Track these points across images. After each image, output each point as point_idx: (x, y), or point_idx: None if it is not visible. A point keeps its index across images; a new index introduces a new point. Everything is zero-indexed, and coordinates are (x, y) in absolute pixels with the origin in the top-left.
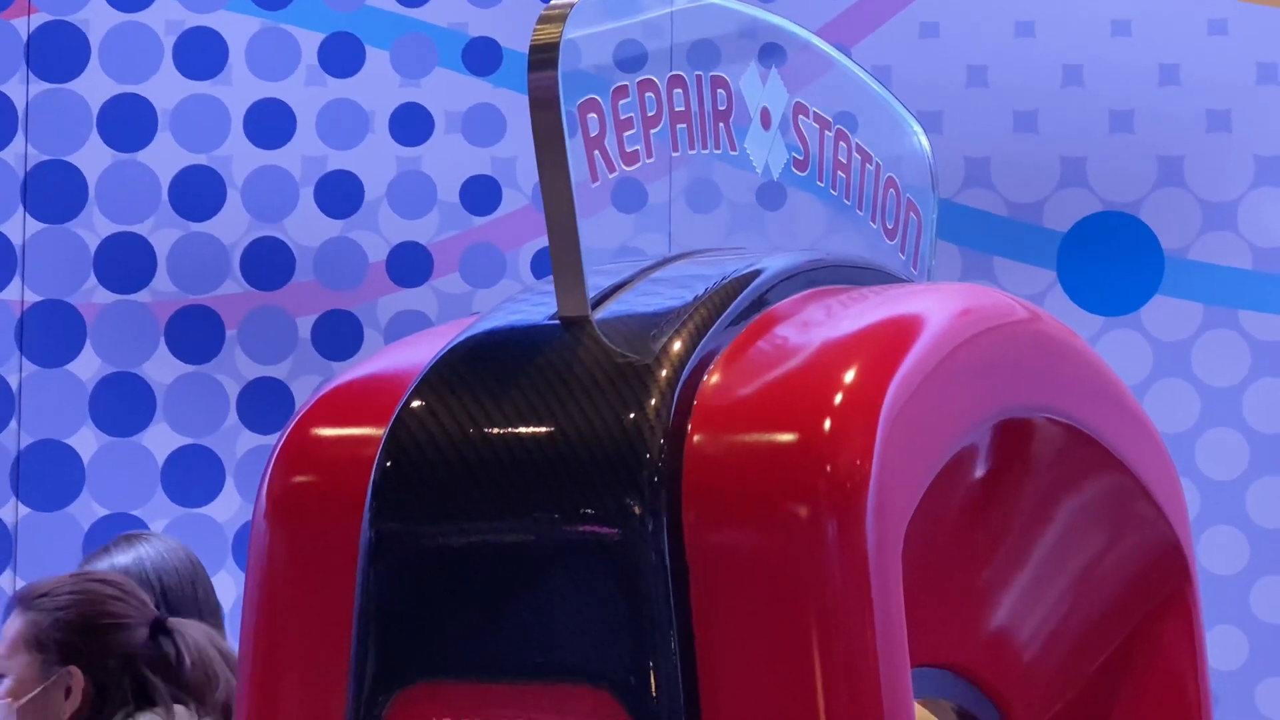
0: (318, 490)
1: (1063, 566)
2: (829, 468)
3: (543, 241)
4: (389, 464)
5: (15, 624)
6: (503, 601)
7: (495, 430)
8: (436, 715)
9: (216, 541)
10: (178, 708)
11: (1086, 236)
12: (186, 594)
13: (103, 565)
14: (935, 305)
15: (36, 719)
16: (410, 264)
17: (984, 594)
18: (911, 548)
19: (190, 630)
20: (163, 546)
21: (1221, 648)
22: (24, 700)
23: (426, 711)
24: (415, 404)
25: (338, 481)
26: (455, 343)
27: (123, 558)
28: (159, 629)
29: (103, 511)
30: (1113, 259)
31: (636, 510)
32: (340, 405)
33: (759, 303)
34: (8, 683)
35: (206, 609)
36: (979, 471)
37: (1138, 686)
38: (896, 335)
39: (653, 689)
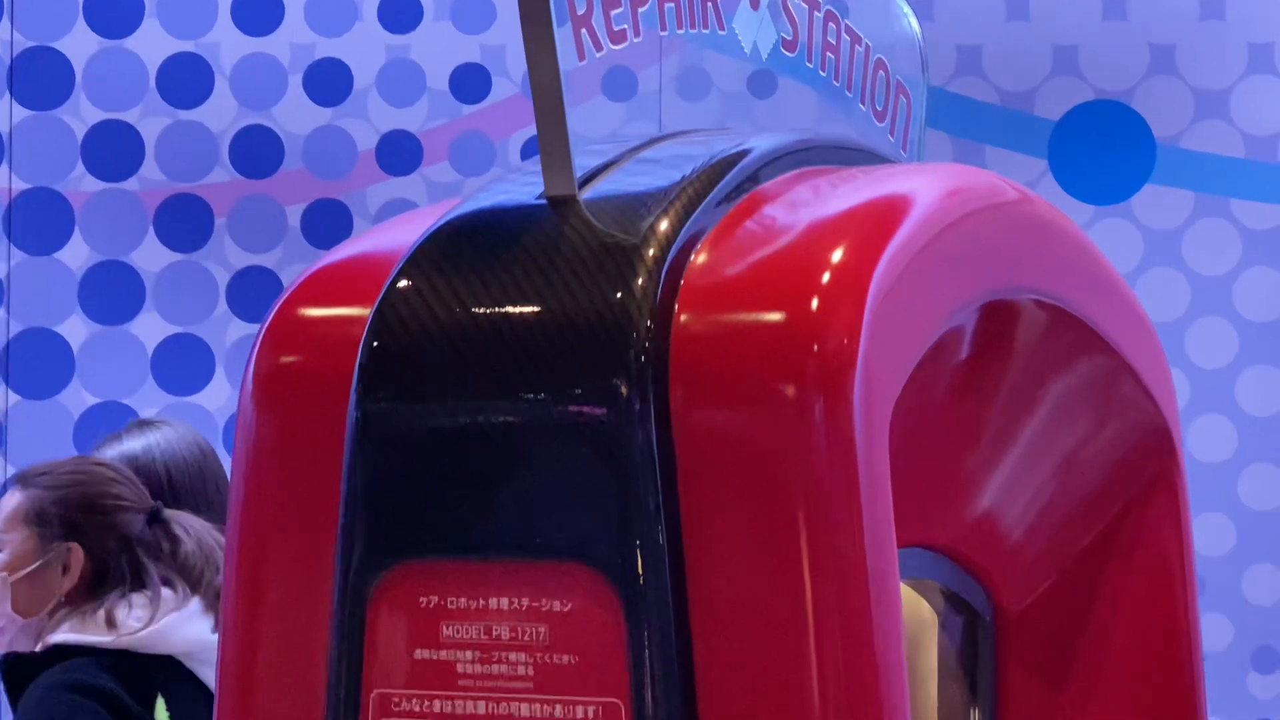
0: (305, 370)
1: (1050, 449)
2: (816, 347)
3: (532, 130)
4: (375, 344)
5: (14, 499)
6: (489, 481)
7: (482, 310)
8: (424, 594)
9: (207, 430)
10: (165, 590)
11: (1078, 125)
12: (194, 485)
13: (112, 451)
14: (924, 185)
15: (31, 594)
16: (400, 152)
17: (971, 476)
18: (898, 429)
19: (186, 520)
20: (174, 435)
21: (1209, 535)
22: (21, 574)
23: (414, 590)
24: (401, 284)
25: (325, 362)
26: (442, 222)
27: (134, 444)
28: (155, 518)
29: (93, 400)
30: (1104, 148)
31: (623, 390)
32: (327, 285)
33: (747, 183)
34: (4, 556)
35: (215, 501)
36: (966, 354)
37: (1124, 567)
38: (885, 215)
39: (639, 567)
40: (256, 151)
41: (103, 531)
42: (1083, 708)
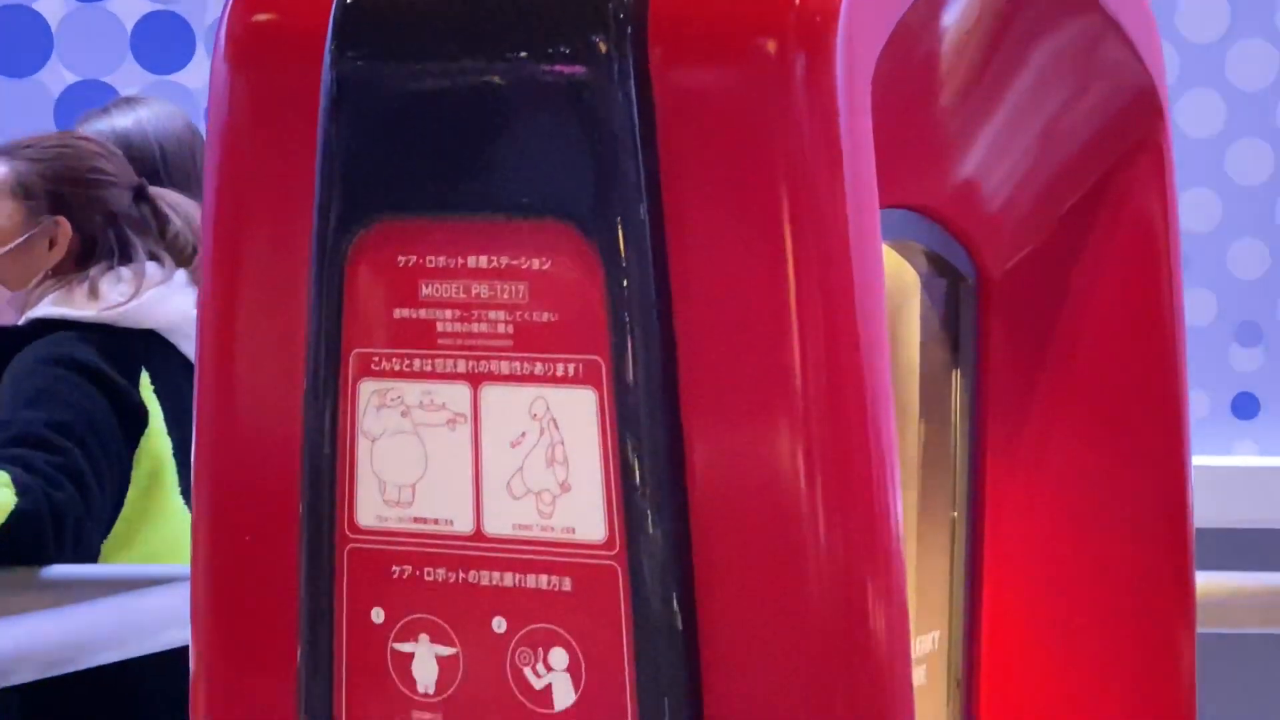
0: (278, 31)
1: (1035, 111)
2: (797, 1)
3: None
4: (349, 1)
5: None
6: (466, 140)
7: None
8: (402, 253)
9: (188, 108)
10: (149, 265)
11: None
12: (185, 163)
13: (102, 126)
14: None
15: (17, 267)
16: None
17: (954, 140)
18: (881, 87)
19: (173, 197)
20: (162, 112)
21: (1197, 210)
22: (7, 248)
23: (392, 250)
24: None
25: (298, 21)
26: None
27: (123, 120)
28: (139, 195)
29: (73, 78)
30: None
31: (602, 47)
32: None
33: None
34: None
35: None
36: (949, 12)
37: (1109, 229)
38: None
39: (617, 223)
40: None
41: (89, 205)
42: (1065, 371)
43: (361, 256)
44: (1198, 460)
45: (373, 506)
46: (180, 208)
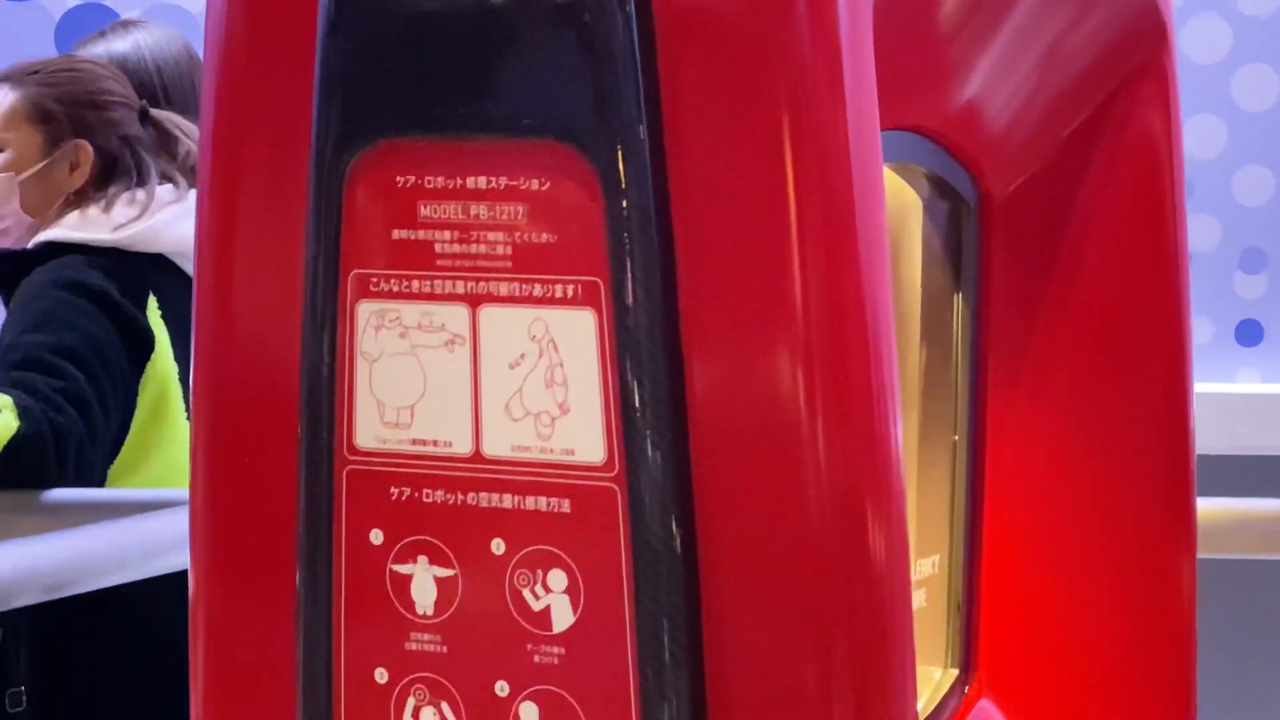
0: None
1: (1037, 35)
2: None
3: None
4: None
5: (9, 98)
6: (465, 61)
7: None
8: (400, 173)
9: (189, 32)
10: (162, 187)
11: None
12: (183, 86)
13: (99, 50)
14: None
15: (40, 192)
16: None
17: (956, 61)
18: (882, 7)
19: (177, 119)
20: (160, 35)
21: (1201, 136)
22: (29, 173)
23: (391, 170)
24: None
25: None
26: None
27: (120, 44)
28: (144, 117)
29: (73, 1)
30: None
31: None
32: None
33: None
34: (7, 156)
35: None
36: None
37: (1111, 152)
38: None
39: (616, 142)
40: None
41: (106, 127)
42: (1067, 296)
43: (360, 177)
44: (1200, 387)
45: (371, 428)
46: (185, 128)
